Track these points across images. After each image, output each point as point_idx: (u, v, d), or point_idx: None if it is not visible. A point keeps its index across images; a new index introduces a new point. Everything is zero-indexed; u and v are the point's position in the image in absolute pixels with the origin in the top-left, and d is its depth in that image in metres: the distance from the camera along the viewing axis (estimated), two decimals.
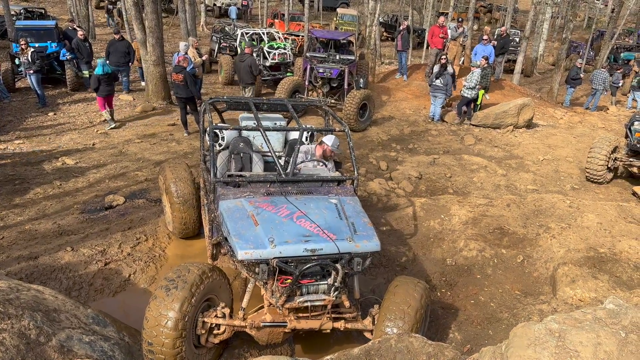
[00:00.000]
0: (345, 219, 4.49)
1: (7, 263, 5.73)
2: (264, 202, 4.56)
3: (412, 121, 13.49)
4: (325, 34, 15.14)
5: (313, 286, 4.27)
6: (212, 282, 4.12)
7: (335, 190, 4.97)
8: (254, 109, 5.57)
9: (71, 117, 12.23)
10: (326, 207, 4.60)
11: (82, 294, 5.49)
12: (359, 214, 4.67)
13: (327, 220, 4.40)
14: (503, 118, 13.14)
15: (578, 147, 12.21)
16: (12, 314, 3.64)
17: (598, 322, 2.46)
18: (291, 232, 4.18)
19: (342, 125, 5.59)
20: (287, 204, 4.53)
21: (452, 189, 9.16)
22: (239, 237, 4.12)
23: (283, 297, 4.10)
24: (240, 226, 4.26)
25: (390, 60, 23.76)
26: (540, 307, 5.30)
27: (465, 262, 6.28)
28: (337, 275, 4.14)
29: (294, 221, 4.31)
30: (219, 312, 4.20)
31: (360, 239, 4.29)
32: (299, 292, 4.23)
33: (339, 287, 4.20)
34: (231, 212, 4.45)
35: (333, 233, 4.23)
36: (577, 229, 6.70)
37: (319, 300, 4.23)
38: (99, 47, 18.96)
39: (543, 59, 27.77)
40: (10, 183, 8.22)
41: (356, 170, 5.26)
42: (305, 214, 4.39)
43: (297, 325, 4.24)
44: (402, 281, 4.58)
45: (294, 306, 4.21)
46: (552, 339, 2.39)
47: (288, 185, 4.85)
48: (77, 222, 7.03)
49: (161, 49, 13.08)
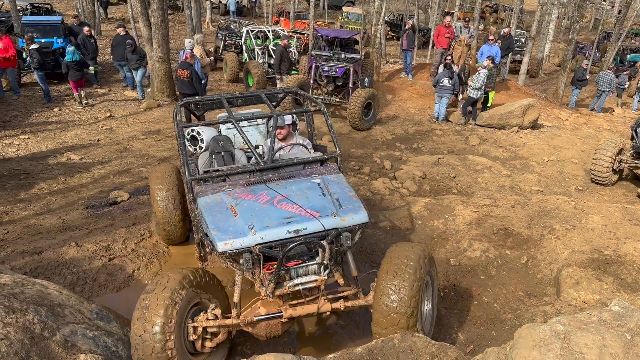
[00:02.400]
0: (329, 195, 4.33)
1: (11, 257, 5.74)
2: (243, 192, 4.40)
3: (417, 121, 13.47)
4: (330, 33, 15.12)
5: (302, 268, 4.10)
6: (197, 285, 3.93)
7: (319, 170, 4.78)
8: (226, 105, 5.38)
9: (76, 113, 12.27)
10: (308, 188, 4.45)
11: (86, 289, 5.50)
12: (344, 189, 4.50)
13: (309, 199, 4.25)
14: (508, 119, 13.11)
15: (583, 149, 12.17)
16: (16, 308, 3.65)
17: (603, 324, 2.45)
18: (272, 216, 4.04)
19: (317, 104, 5.40)
20: (267, 190, 4.38)
21: (456, 189, 9.14)
22: (218, 229, 3.99)
23: (271, 284, 3.94)
24: (219, 219, 4.12)
25: (396, 60, 23.73)
26: (544, 308, 5.28)
27: (469, 263, 6.27)
28: (325, 253, 3.94)
29: (274, 205, 4.17)
30: (210, 314, 4.01)
31: (345, 212, 4.14)
32: (288, 277, 4.07)
33: (329, 265, 4.02)
34: (209, 207, 4.29)
35: (316, 211, 4.09)
36: (581, 231, 6.67)
37: (309, 281, 4.04)
38: (104, 43, 18.99)
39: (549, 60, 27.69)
40: (15, 178, 8.26)
41: (337, 147, 5.01)
42: (286, 197, 4.24)
43: (293, 313, 4.03)
44: (398, 245, 4.39)
45: (284, 292, 4.04)
46: (557, 340, 2.38)
47: (268, 172, 4.68)
48: (81, 218, 7.05)
49: (167, 46, 13.09)
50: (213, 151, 5.12)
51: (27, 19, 15.88)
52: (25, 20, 15.73)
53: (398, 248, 4.26)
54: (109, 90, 14.40)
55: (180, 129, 4.93)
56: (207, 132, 5.74)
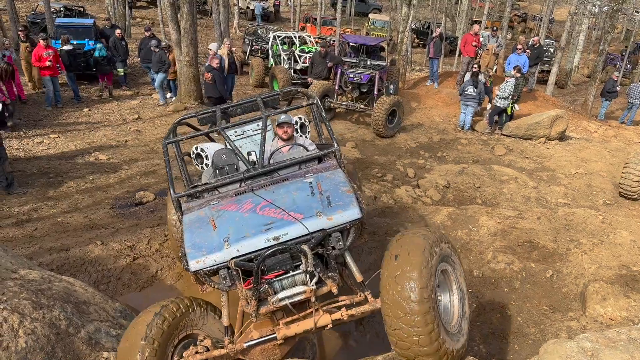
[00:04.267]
0: (319, 194, 3.84)
1: (39, 254, 5.87)
2: (228, 203, 3.97)
3: (442, 129, 13.38)
4: (357, 39, 15.14)
5: (287, 279, 3.60)
6: (181, 317, 3.58)
7: (315, 169, 4.26)
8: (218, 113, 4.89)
9: (105, 114, 12.51)
10: (298, 189, 3.95)
11: (110, 288, 5.59)
12: (337, 184, 3.94)
13: (295, 201, 3.78)
14: (535, 129, 12.92)
15: (612, 162, 11.92)
16: (44, 304, 3.73)
17: (633, 342, 2.40)
18: (250, 225, 3.60)
19: (310, 98, 4.86)
20: (253, 197, 3.92)
21: (481, 199, 9.03)
22: (191, 247, 3.60)
23: (253, 301, 3.49)
24: (197, 235, 3.71)
25: (421, 67, 23.64)
26: (569, 323, 5.18)
27: (492, 275, 6.19)
28: (307, 259, 3.43)
29: (256, 212, 3.73)
30: (200, 347, 3.60)
31: (333, 210, 3.62)
32: (272, 291, 3.56)
33: (316, 273, 3.51)
34: (191, 224, 3.89)
35: (300, 213, 3.61)
36: (609, 246, 6.53)
37: (296, 294, 3.53)
38: (134, 45, 19.33)
39: (578, 71, 27.25)
40: (44, 176, 8.45)
41: (335, 141, 4.42)
42: (271, 202, 3.78)
43: (287, 332, 3.54)
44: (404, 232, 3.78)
45: (270, 309, 3.56)
46: (584, 357, 2.33)
47: (260, 179, 4.22)
48: (107, 217, 7.17)
49: (195, 50, 13.27)
50: (217, 166, 4.69)
51: (60, 21, 16.27)
52: (59, 22, 16.12)
53: (403, 236, 3.66)
54: (137, 93, 14.66)
55: (165, 145, 4.48)
56: (211, 148, 5.39)
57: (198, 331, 3.72)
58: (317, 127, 5.11)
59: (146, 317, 3.44)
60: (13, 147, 9.63)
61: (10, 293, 3.65)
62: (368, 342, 4.93)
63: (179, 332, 3.57)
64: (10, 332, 3.36)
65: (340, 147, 4.44)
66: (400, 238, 3.60)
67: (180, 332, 3.59)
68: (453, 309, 3.73)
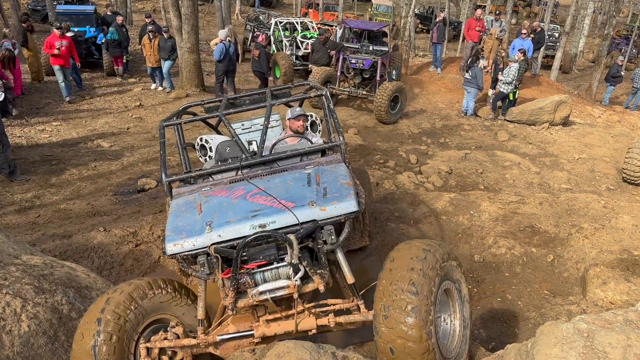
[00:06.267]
0: (315, 184, 3.61)
1: (42, 240, 5.91)
2: (219, 189, 3.79)
3: (445, 115, 13.32)
4: (359, 24, 15.04)
5: (270, 271, 3.31)
6: (154, 300, 3.37)
7: (317, 162, 4.06)
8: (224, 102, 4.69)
9: (107, 101, 12.51)
10: (294, 179, 3.73)
11: (112, 274, 5.63)
12: (337, 177, 3.68)
13: (289, 190, 3.55)
14: (539, 115, 12.85)
15: (616, 147, 11.86)
16: (46, 289, 3.76)
17: (629, 324, 2.40)
18: (237, 211, 3.38)
19: (319, 89, 4.66)
20: (246, 185, 3.72)
21: (483, 185, 9.02)
22: (172, 230, 3.39)
23: (231, 291, 3.23)
24: (180, 219, 3.51)
25: (425, 53, 23.48)
26: (569, 307, 5.19)
27: (493, 260, 6.19)
28: (292, 250, 3.14)
29: (246, 199, 3.51)
30: (170, 333, 3.39)
31: (328, 201, 3.35)
32: (253, 283, 3.29)
33: (302, 267, 3.24)
34: (177, 208, 3.70)
35: (292, 201, 3.37)
36: (611, 230, 6.53)
37: (278, 288, 3.25)
38: (135, 32, 19.26)
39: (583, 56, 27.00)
40: (47, 163, 8.47)
41: (340, 135, 4.23)
42: (263, 190, 3.56)
43: (266, 331, 3.31)
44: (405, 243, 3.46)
45: (249, 303, 3.30)
46: (580, 339, 2.34)
47: (258, 168, 4.05)
48: (110, 204, 7.20)
49: (196, 37, 13.21)
50: (220, 158, 4.46)
51: (61, 8, 16.19)
52: (60, 9, 16.05)
53: (404, 246, 3.36)
54: (139, 80, 14.62)
55: (162, 127, 4.30)
56: (216, 139, 5.22)
57: (171, 316, 3.53)
58: (327, 122, 4.84)
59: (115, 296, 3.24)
60: (15, 134, 9.65)
61: (12, 278, 3.68)
62: None
63: (148, 314, 3.35)
64: (12, 316, 3.40)
65: (346, 142, 4.25)
66: (402, 248, 3.33)
67: (150, 315, 3.37)
68: (453, 332, 3.43)
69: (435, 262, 3.13)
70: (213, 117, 4.71)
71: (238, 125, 5.47)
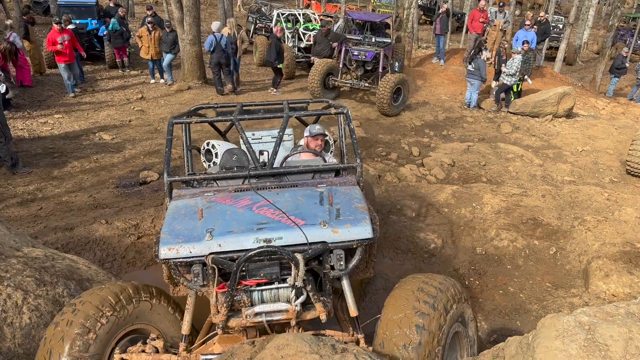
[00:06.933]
0: (328, 204, 3.38)
1: (44, 233, 5.92)
2: (223, 197, 3.58)
3: (447, 107, 13.27)
4: (361, 16, 14.95)
5: (269, 291, 3.07)
6: (133, 308, 3.12)
7: (330, 182, 3.84)
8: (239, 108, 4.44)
9: (109, 94, 12.49)
10: (305, 195, 3.51)
11: (114, 266, 5.64)
12: (351, 199, 3.47)
13: (299, 206, 3.31)
14: (542, 106, 12.78)
15: (620, 139, 11.80)
16: (47, 281, 3.77)
17: (631, 316, 2.39)
18: (241, 221, 3.15)
19: (339, 108, 4.39)
20: (253, 195, 3.50)
21: (486, 177, 8.99)
22: (169, 233, 3.14)
23: (224, 308, 2.95)
24: (179, 222, 3.26)
25: (428, 45, 23.34)
26: (571, 300, 5.18)
27: (495, 252, 6.18)
28: (298, 271, 2.88)
29: (252, 210, 3.27)
30: (148, 346, 3.12)
31: (341, 224, 3.13)
32: (249, 302, 3.02)
33: (305, 291, 3.01)
34: (176, 210, 3.45)
35: (302, 219, 3.14)
36: (614, 223, 6.50)
37: (276, 311, 3.00)
38: (137, 25, 19.20)
39: (587, 47, 26.83)
40: (49, 156, 8.48)
41: (358, 157, 3.99)
42: (271, 203, 3.32)
43: None
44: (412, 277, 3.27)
45: (242, 323, 3.01)
46: (581, 331, 2.33)
47: (267, 180, 3.83)
48: (112, 196, 7.20)
49: (198, 28, 13.16)
50: (224, 166, 4.21)
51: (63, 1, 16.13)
52: (61, 1, 15.99)
53: (411, 281, 3.15)
54: (141, 72, 14.60)
55: (171, 124, 4.10)
56: (223, 146, 5.00)
57: (151, 327, 3.30)
58: (341, 143, 4.60)
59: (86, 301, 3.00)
60: (17, 127, 9.65)
61: (13, 270, 3.69)
62: None
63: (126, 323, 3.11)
64: (14, 308, 3.40)
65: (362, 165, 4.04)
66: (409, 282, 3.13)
67: (128, 323, 3.13)
68: None
69: (447, 302, 2.98)
70: (226, 121, 4.52)
71: (249, 134, 5.28)
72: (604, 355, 2.22)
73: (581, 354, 2.24)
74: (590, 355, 2.22)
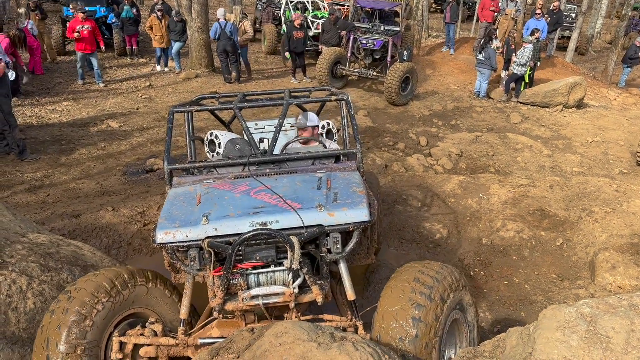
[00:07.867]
0: (326, 189, 3.42)
1: (51, 219, 5.96)
2: (223, 183, 3.63)
3: (456, 97, 13.16)
4: (370, 4, 14.80)
5: (266, 274, 3.09)
6: (129, 293, 3.14)
7: (329, 167, 3.87)
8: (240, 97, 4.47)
9: (117, 82, 12.51)
10: (303, 181, 3.56)
11: (120, 253, 5.69)
12: (349, 184, 3.51)
13: (297, 191, 3.36)
14: (552, 97, 12.63)
15: (631, 130, 11.65)
16: (52, 267, 3.79)
17: (634, 308, 2.36)
18: (238, 206, 3.19)
19: (338, 94, 4.44)
20: (251, 181, 3.56)
21: (494, 167, 8.92)
22: (166, 218, 3.19)
23: (220, 291, 2.99)
24: (176, 208, 3.32)
25: (438, 33, 23.13)
26: (576, 291, 5.15)
27: (501, 243, 6.15)
28: (294, 253, 2.90)
29: (249, 195, 3.32)
30: (148, 330, 3.13)
31: (337, 207, 3.15)
32: (246, 285, 3.04)
33: (302, 273, 3.03)
34: (175, 197, 3.52)
35: (298, 202, 3.17)
36: (622, 214, 6.43)
37: (273, 294, 3.01)
38: (146, 13, 19.17)
39: (600, 37, 26.42)
40: (57, 143, 8.52)
41: (359, 143, 4.06)
42: (269, 188, 3.37)
43: None
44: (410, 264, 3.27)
45: (239, 307, 3.04)
46: (583, 323, 2.31)
47: (267, 167, 3.86)
48: (118, 184, 7.24)
49: (206, 16, 13.12)
50: (227, 155, 4.27)
51: None
52: None
53: (407, 270, 3.14)
54: (149, 60, 14.60)
55: (172, 112, 4.16)
56: (226, 136, 4.97)
57: (151, 311, 3.33)
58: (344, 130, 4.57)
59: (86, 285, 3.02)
60: (26, 114, 9.71)
61: (18, 256, 3.72)
62: None
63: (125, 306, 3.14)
64: (18, 293, 3.44)
65: (362, 151, 4.07)
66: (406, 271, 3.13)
67: (127, 307, 3.16)
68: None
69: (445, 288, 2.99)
70: (226, 109, 4.55)
71: (251, 124, 5.30)
72: (605, 347, 2.20)
73: (582, 345, 2.22)
74: (591, 347, 2.21)
